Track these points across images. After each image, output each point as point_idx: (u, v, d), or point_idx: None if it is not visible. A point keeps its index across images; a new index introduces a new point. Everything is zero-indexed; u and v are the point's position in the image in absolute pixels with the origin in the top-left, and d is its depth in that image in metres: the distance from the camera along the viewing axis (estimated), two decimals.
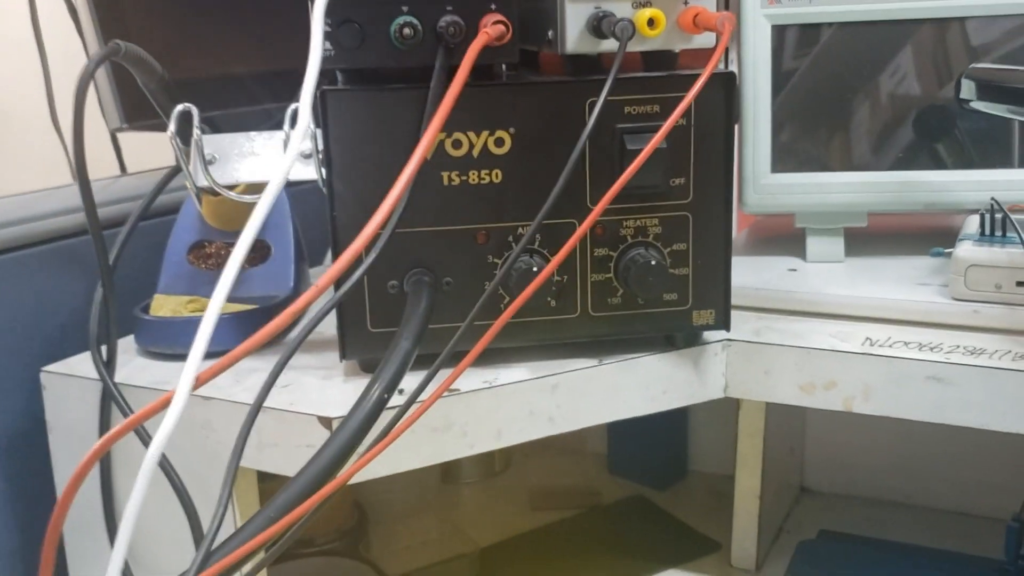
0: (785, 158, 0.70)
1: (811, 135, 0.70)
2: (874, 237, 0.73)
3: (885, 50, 0.69)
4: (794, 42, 0.70)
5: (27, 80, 0.96)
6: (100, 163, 0.80)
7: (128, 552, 0.57)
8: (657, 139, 0.51)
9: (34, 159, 1.03)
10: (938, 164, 0.70)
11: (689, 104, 0.50)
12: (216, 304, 0.36)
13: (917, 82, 0.70)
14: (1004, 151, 0.69)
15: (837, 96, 0.70)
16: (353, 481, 0.46)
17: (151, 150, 0.88)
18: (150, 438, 0.53)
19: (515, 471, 0.91)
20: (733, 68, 0.72)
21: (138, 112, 0.74)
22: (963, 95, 0.61)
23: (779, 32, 0.69)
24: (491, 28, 0.49)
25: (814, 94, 0.70)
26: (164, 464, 0.54)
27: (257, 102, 0.81)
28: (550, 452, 0.93)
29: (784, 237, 0.76)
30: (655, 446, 0.86)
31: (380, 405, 0.45)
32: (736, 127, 0.71)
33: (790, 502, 0.81)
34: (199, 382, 0.37)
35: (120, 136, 0.84)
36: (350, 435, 0.44)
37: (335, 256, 0.54)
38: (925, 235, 0.73)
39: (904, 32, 0.69)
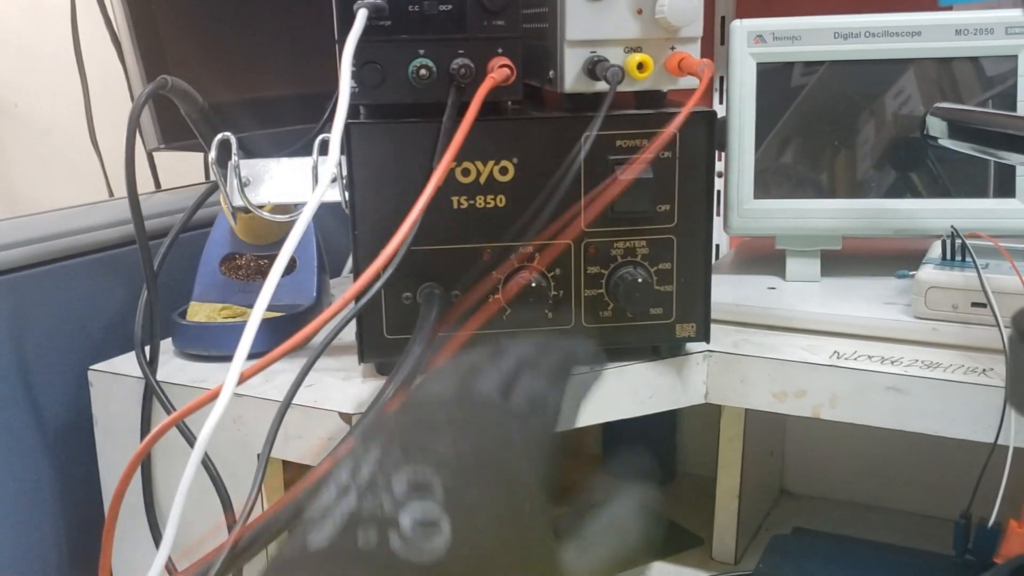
0: (767, 185, 0.76)
1: (791, 164, 0.76)
2: (849, 259, 0.79)
3: (862, 87, 0.75)
4: (778, 78, 0.76)
5: (64, 95, 1.02)
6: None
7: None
8: (638, 162, 0.57)
9: (71, 172, 1.10)
10: (909, 193, 0.76)
11: (669, 138, 0.56)
12: (257, 313, 0.42)
13: (891, 116, 0.76)
14: (969, 182, 0.75)
15: (816, 128, 0.76)
16: None
17: (179, 166, 0.95)
18: (189, 431, 0.59)
19: None
20: (723, 101, 0.79)
21: (174, 134, 0.80)
22: (931, 132, 0.67)
23: (764, 69, 0.76)
24: (497, 72, 0.55)
25: (795, 127, 0.76)
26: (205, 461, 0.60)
27: (282, 124, 0.87)
28: None
29: (768, 257, 0.82)
30: (647, 449, 0.92)
31: None
32: (723, 156, 0.78)
33: (770, 502, 0.87)
34: (243, 378, 0.43)
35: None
36: None
37: (356, 270, 0.60)
38: (896, 258, 0.79)
39: (880, 71, 0.75)
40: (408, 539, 0.30)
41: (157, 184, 0.92)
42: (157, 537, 0.65)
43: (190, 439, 0.59)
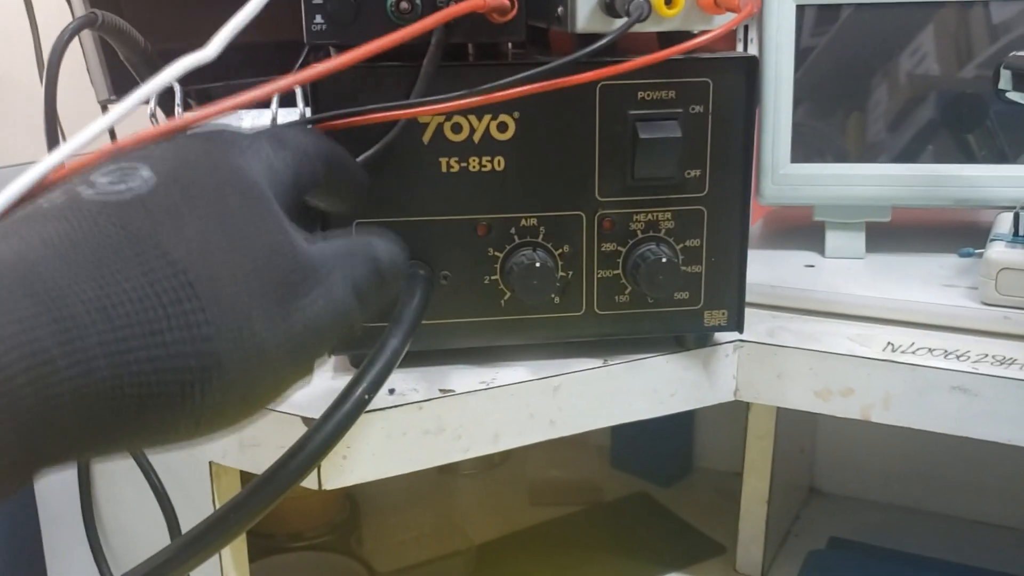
0: (806, 147, 0.66)
1: (834, 124, 0.67)
2: (897, 232, 0.70)
3: (913, 35, 0.65)
4: (818, 24, 0.66)
5: (19, 46, 0.93)
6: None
7: (107, 549, 0.55)
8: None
9: (29, 127, 1.00)
10: (968, 157, 0.66)
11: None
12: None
13: (948, 70, 0.66)
14: None
15: (862, 84, 0.66)
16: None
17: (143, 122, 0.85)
18: None
19: (515, 463, 0.88)
20: (754, 50, 0.68)
21: (126, 84, 0.70)
22: (1001, 85, 0.57)
23: (803, 13, 0.66)
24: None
25: (838, 81, 0.66)
26: (143, 463, 0.51)
27: (247, 75, 0.77)
28: (551, 445, 0.89)
29: (801, 229, 0.72)
30: (660, 441, 0.83)
31: (360, 406, 0.42)
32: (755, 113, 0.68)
33: (799, 504, 0.78)
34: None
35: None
36: (325, 437, 0.41)
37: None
38: (951, 232, 0.69)
39: (940, 14, 0.65)
40: (100, 187, 0.28)
41: (114, 140, 0.82)
42: (97, 552, 0.57)
43: None
